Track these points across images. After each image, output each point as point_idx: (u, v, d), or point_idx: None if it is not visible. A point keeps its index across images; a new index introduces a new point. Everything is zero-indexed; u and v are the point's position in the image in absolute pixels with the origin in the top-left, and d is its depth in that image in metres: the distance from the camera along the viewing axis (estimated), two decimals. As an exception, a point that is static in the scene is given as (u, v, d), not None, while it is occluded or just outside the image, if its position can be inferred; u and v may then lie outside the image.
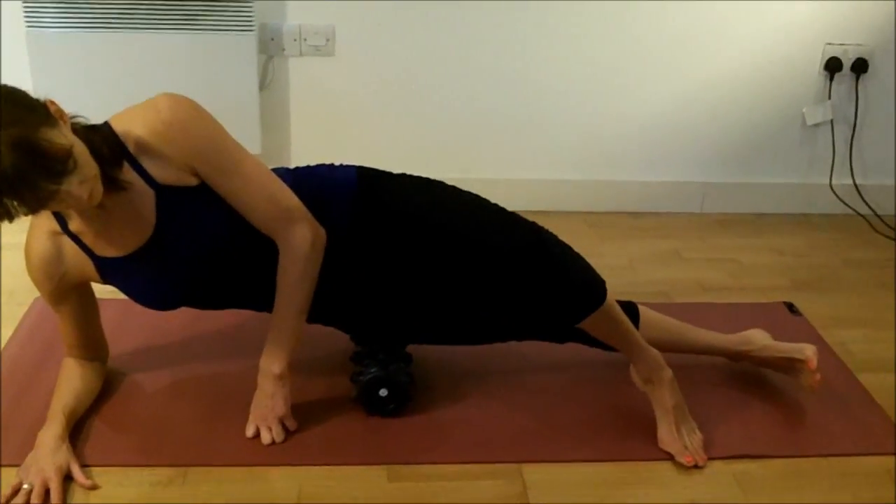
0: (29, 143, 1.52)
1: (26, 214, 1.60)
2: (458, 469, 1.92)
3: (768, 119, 3.31)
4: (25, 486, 1.77)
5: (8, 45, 2.87)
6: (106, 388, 2.12)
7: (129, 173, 1.78)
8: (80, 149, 1.63)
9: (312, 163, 2.14)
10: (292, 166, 2.09)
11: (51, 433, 1.88)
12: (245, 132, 2.98)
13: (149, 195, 1.81)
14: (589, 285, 1.94)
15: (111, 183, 1.75)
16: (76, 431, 1.96)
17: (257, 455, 1.93)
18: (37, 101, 1.61)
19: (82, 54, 2.86)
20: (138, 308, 2.03)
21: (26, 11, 2.80)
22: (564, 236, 3.04)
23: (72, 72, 2.85)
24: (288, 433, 1.99)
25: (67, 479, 1.82)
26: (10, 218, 1.58)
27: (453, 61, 3.12)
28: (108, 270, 1.91)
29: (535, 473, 1.91)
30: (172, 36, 2.86)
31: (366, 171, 2.05)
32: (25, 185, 1.53)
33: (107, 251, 1.88)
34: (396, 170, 2.10)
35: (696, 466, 1.94)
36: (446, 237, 1.93)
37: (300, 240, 1.89)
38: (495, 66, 3.13)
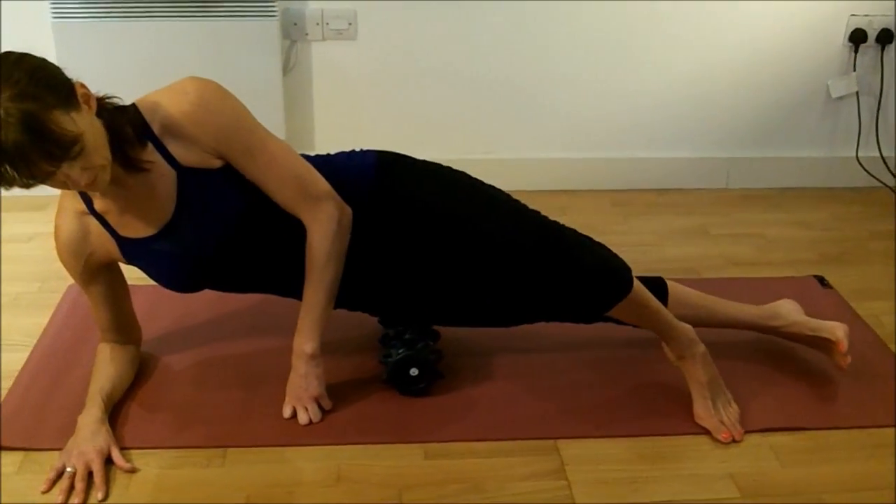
0: (37, 122, 1.53)
1: (21, 187, 1.60)
2: (494, 446, 1.93)
3: (792, 92, 3.29)
4: (69, 469, 1.79)
5: (35, 36, 2.88)
6: (141, 372, 2.14)
7: (152, 154, 1.80)
8: (93, 137, 1.64)
9: (336, 145, 2.15)
10: (315, 150, 2.10)
11: (90, 417, 1.90)
12: (269, 117, 2.98)
13: (170, 176, 1.83)
14: (612, 276, 1.94)
15: (130, 164, 1.77)
16: (114, 415, 1.98)
17: (295, 435, 1.95)
18: (64, 80, 1.63)
19: (108, 43, 2.87)
20: (168, 292, 2.04)
21: (52, 3, 2.81)
22: (589, 215, 3.05)
23: (97, 61, 2.86)
24: (324, 412, 2.00)
25: (108, 462, 1.84)
26: (7, 185, 1.59)
27: (475, 43, 3.12)
28: (131, 251, 1.93)
29: (572, 449, 1.92)
30: (196, 23, 2.87)
31: (385, 156, 2.06)
32: (22, 161, 1.54)
33: (130, 231, 1.90)
34: (421, 152, 2.10)
35: (733, 441, 1.94)
36: (463, 230, 1.94)
37: (327, 218, 1.90)
38: (517, 46, 3.13)
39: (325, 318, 1.98)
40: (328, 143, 3.16)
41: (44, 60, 1.62)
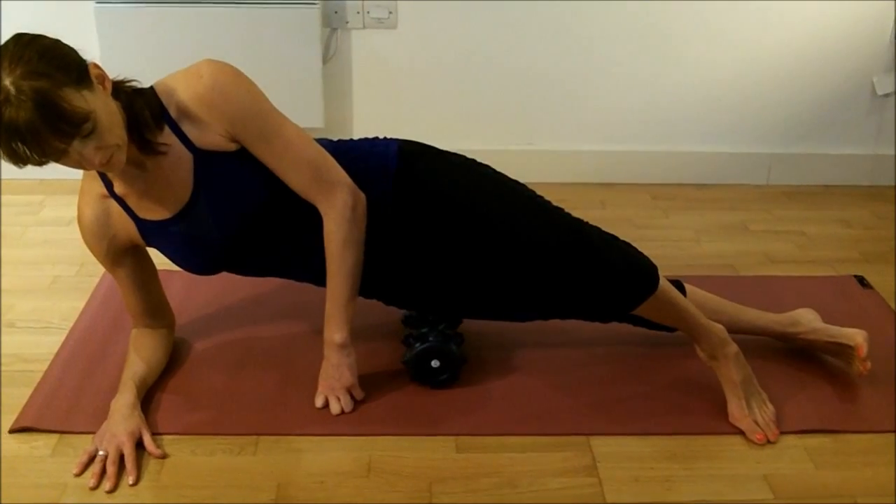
0: (47, 99, 1.55)
1: (35, 165, 1.62)
2: (526, 441, 1.92)
3: (836, 89, 3.25)
4: (101, 452, 1.81)
5: (78, 20, 2.91)
6: (175, 358, 2.15)
7: (168, 137, 1.82)
8: (107, 116, 1.66)
9: (374, 134, 2.15)
10: (350, 138, 2.10)
11: (122, 401, 1.91)
12: (308, 104, 3.02)
13: (187, 158, 1.84)
14: (638, 274, 1.93)
15: (147, 147, 1.79)
16: (148, 401, 1.99)
17: (327, 424, 1.95)
18: (77, 60, 1.65)
19: (149, 29, 2.88)
20: (203, 279, 2.05)
21: (96, -11, 2.85)
22: (629, 208, 3.02)
23: (139, 46, 2.88)
24: (356, 402, 2.00)
25: (139, 447, 1.85)
26: (22, 163, 1.61)
27: (515, 33, 3.10)
28: (150, 233, 1.95)
29: (604, 446, 1.91)
30: (238, 9, 2.88)
31: (408, 145, 2.06)
32: (34, 138, 1.56)
33: (149, 214, 1.92)
34: (460, 143, 2.10)
35: (767, 442, 1.92)
36: (487, 223, 1.93)
37: (341, 204, 1.90)
38: (558, 37, 3.11)
39: (352, 306, 1.98)
40: (366, 131, 3.16)
41: (57, 41, 1.65)
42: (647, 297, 1.93)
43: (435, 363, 2.05)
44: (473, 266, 1.96)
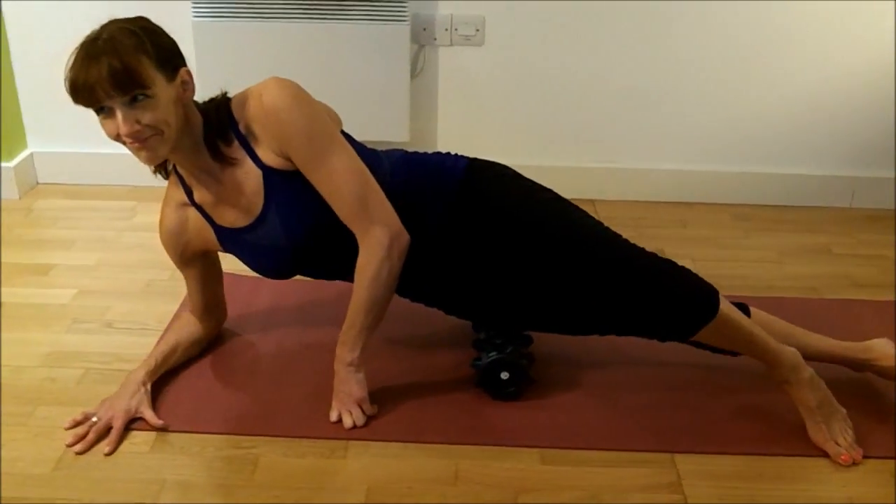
0: (124, 54, 1.69)
1: (83, 102, 1.74)
2: (609, 455, 1.94)
3: (922, 112, 3.22)
4: (94, 418, 1.94)
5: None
6: (263, 362, 2.24)
7: (237, 151, 1.90)
8: (165, 105, 1.77)
9: (457, 149, 2.19)
10: (424, 151, 2.17)
11: (134, 376, 2.05)
12: (395, 118, 3.08)
13: (256, 174, 1.92)
14: (695, 300, 1.93)
15: (218, 155, 1.90)
16: (240, 404, 2.07)
17: (415, 432, 1.99)
18: (172, 52, 1.81)
19: (244, 43, 2.96)
20: (268, 283, 2.13)
21: (194, 3, 2.93)
22: (709, 228, 3.01)
23: (234, 59, 2.96)
24: (368, 417, 2.01)
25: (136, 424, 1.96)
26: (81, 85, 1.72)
27: (600, 52, 3.12)
28: (226, 239, 2.05)
29: (689, 463, 1.92)
30: (330, 25, 2.94)
31: (476, 163, 2.09)
32: (94, 62, 1.69)
33: (225, 222, 2.01)
34: (542, 159, 2.12)
35: (853, 463, 1.91)
36: (542, 243, 1.97)
37: (375, 242, 1.92)
38: (642, 56, 3.13)
39: (369, 333, 1.99)
40: (450, 146, 3.18)
41: (162, 31, 1.81)
42: (704, 324, 1.93)
43: (504, 375, 2.08)
44: (529, 282, 1.98)
